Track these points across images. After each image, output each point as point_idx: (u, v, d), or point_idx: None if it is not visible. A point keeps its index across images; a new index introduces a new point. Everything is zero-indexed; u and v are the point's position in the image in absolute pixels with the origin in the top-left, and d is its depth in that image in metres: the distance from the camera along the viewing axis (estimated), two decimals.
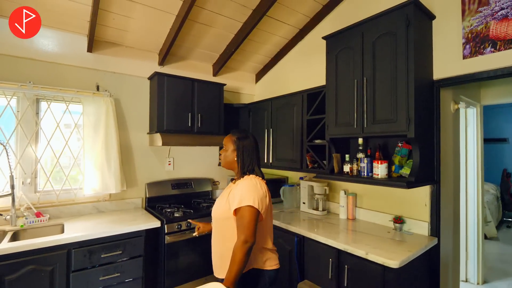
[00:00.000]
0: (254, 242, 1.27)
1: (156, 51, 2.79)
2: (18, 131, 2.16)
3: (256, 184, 1.36)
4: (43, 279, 1.73)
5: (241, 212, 1.30)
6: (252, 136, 1.54)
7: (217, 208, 1.46)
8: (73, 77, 2.37)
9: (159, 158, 2.83)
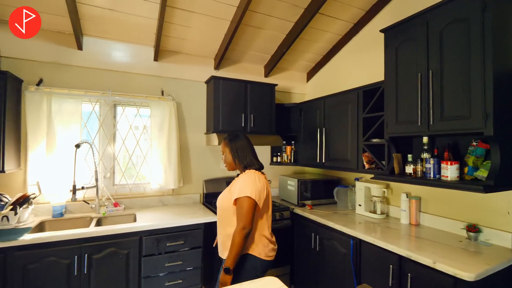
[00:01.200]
0: (251, 228, 1.46)
1: (211, 56, 2.97)
2: (100, 132, 2.52)
3: (254, 178, 1.53)
4: (121, 260, 1.99)
5: (240, 202, 1.47)
6: (242, 135, 1.71)
7: (221, 199, 1.64)
8: (142, 84, 2.67)
9: (215, 157, 3.00)
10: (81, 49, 2.42)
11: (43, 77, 2.31)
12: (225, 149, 1.71)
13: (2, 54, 2.18)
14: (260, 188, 1.52)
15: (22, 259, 1.74)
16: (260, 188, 1.52)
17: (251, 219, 1.45)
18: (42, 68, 2.31)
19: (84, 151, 2.42)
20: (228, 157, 1.68)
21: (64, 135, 2.33)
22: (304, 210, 2.58)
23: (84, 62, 2.44)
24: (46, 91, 2.27)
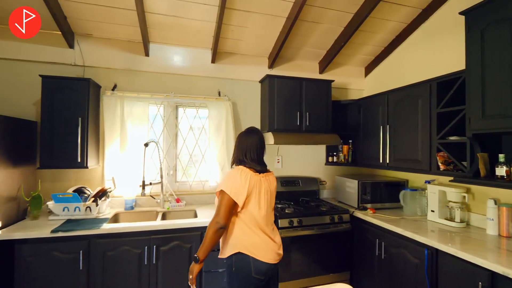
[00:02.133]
0: (224, 225, 1.42)
1: (265, 55, 2.96)
2: (164, 132, 2.69)
3: (236, 174, 1.47)
4: (184, 254, 2.09)
5: (219, 195, 1.48)
6: (256, 134, 1.62)
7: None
8: (200, 86, 2.79)
9: (269, 156, 2.99)
10: (148, 56, 2.62)
11: (117, 83, 2.55)
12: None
13: (85, 63, 2.47)
14: (239, 185, 1.44)
15: (102, 246, 1.94)
16: (239, 184, 1.44)
17: (224, 214, 1.42)
18: (116, 75, 2.56)
19: (151, 149, 2.61)
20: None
21: (134, 135, 2.54)
22: (366, 214, 2.40)
23: (150, 68, 2.64)
24: (119, 95, 2.50)
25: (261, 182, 1.54)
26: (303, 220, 2.36)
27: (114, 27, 2.42)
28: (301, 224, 2.34)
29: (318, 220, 2.41)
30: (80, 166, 2.17)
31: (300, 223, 2.34)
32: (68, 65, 2.44)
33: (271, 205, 1.60)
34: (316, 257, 2.40)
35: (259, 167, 1.57)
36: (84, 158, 2.18)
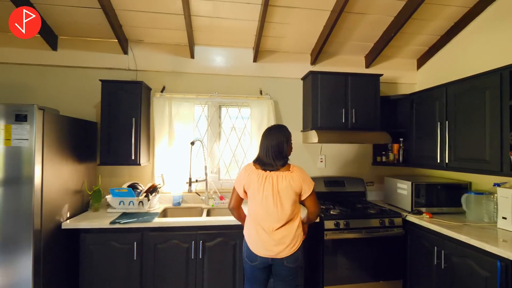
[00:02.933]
0: (231, 208, 1.74)
1: (308, 51, 2.88)
2: (208, 131, 2.77)
3: (241, 169, 1.71)
4: (229, 250, 2.12)
5: None
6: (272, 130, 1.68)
7: None
8: (242, 85, 2.81)
9: (311, 155, 2.90)
10: (193, 58, 2.72)
11: (166, 85, 2.69)
12: None
13: (137, 68, 2.65)
14: (239, 178, 1.69)
15: (154, 239, 2.05)
16: (239, 178, 1.69)
17: (231, 199, 1.74)
18: (164, 77, 2.70)
19: (196, 148, 2.70)
20: None
21: (181, 134, 2.66)
22: (421, 219, 2.19)
23: (195, 69, 2.73)
24: (167, 96, 2.64)
25: (265, 179, 1.59)
26: (350, 223, 2.24)
27: (162, 32, 2.55)
28: (348, 227, 2.22)
29: (366, 223, 2.27)
30: (133, 163, 2.32)
31: (347, 226, 2.22)
32: (123, 70, 2.64)
33: (277, 203, 1.58)
34: (364, 262, 2.26)
35: (265, 164, 1.63)
36: (137, 155, 2.34)
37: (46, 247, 1.83)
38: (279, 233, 1.58)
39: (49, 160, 1.87)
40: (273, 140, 1.62)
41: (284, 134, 1.66)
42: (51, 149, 1.88)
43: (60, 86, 2.56)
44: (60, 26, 2.45)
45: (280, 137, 1.63)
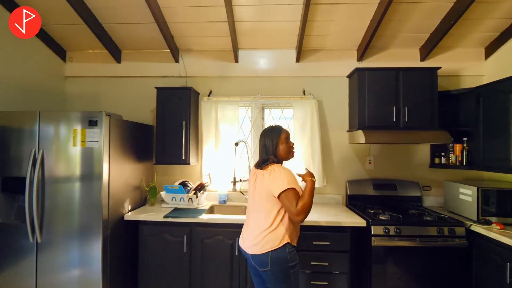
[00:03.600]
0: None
1: (354, 48, 2.76)
2: (252, 132, 2.85)
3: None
4: None
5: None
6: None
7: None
8: (285, 86, 2.82)
9: (359, 156, 2.77)
10: (237, 62, 2.82)
11: (212, 89, 2.85)
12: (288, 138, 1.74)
13: (187, 74, 2.86)
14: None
15: (201, 234, 2.18)
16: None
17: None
18: (211, 82, 2.86)
19: (240, 149, 2.80)
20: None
21: (226, 136, 2.78)
22: (490, 230, 1.92)
23: (239, 73, 2.84)
24: (214, 100, 2.79)
25: (252, 176, 1.73)
26: (401, 229, 2.08)
27: (209, 40, 2.71)
28: (399, 234, 2.06)
29: (421, 231, 2.08)
30: (184, 162, 2.51)
31: (398, 233, 2.07)
32: (175, 77, 2.87)
33: (254, 197, 1.67)
34: (418, 274, 2.07)
35: (257, 164, 1.73)
36: (187, 156, 2.52)
37: (111, 234, 2.10)
38: (248, 221, 1.69)
39: (114, 159, 2.14)
40: (261, 140, 1.72)
41: (270, 134, 1.68)
42: (115, 149, 2.15)
43: (123, 94, 2.91)
44: (123, 41, 2.78)
45: (266, 138, 1.69)
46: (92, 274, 2.00)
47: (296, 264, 1.58)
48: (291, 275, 1.54)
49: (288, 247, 1.55)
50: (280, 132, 1.68)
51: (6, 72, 2.32)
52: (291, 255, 1.55)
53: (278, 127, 1.72)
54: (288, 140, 1.69)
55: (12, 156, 2.05)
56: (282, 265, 1.52)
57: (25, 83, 2.49)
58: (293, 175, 1.59)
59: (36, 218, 1.98)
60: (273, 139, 1.66)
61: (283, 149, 1.66)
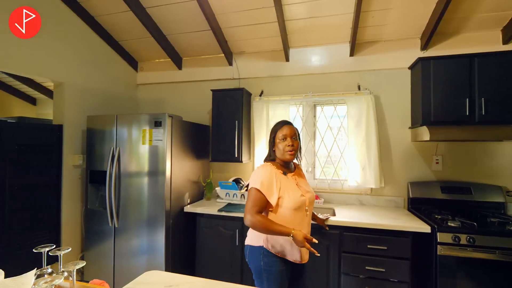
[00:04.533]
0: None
1: (417, 36, 2.50)
2: (303, 131, 2.82)
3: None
4: (322, 251, 2.09)
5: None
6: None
7: (312, 195, 1.58)
8: (338, 82, 2.72)
9: (424, 155, 2.50)
10: (288, 61, 2.83)
11: (263, 89, 2.92)
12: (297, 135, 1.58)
13: (240, 76, 2.99)
14: None
15: None
16: None
17: None
18: (262, 82, 2.93)
19: None
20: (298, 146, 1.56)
21: None
22: None
23: (290, 71, 2.84)
24: (265, 100, 2.85)
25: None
26: (475, 239, 1.81)
27: (259, 41, 2.78)
28: (473, 244, 1.80)
29: (502, 243, 1.78)
30: (236, 160, 2.63)
31: (471, 242, 1.80)
32: (229, 80, 3.03)
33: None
34: None
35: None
36: (239, 154, 2.63)
37: (173, 224, 2.33)
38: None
39: (175, 156, 2.36)
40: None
41: (272, 130, 1.59)
42: (176, 147, 2.38)
43: (184, 97, 3.19)
44: (184, 49, 3.05)
45: (269, 134, 1.61)
46: (157, 258, 2.25)
47: (271, 270, 1.45)
48: (263, 276, 1.47)
49: (263, 250, 1.47)
50: (279, 127, 1.54)
51: (91, 83, 2.77)
52: (266, 259, 1.46)
53: (281, 122, 1.58)
54: (286, 138, 1.50)
55: (97, 153, 2.44)
56: (255, 262, 1.50)
57: (106, 91, 2.94)
58: (268, 178, 1.46)
59: (114, 206, 2.32)
60: (271, 135, 1.57)
61: (277, 148, 1.53)
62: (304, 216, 1.51)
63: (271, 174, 1.48)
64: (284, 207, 1.46)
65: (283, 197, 1.46)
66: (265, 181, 1.45)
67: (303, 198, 1.50)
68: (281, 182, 1.49)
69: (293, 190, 1.49)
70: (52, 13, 2.40)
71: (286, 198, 1.45)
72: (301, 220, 1.50)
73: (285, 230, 1.37)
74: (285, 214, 1.46)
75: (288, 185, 1.50)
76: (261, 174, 1.48)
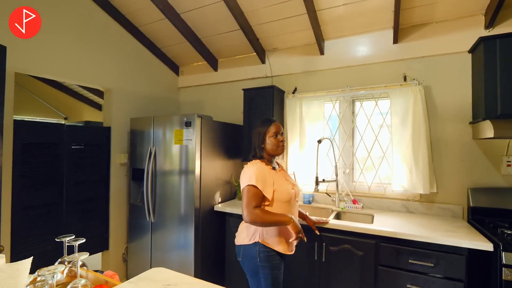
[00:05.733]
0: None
1: (479, 12, 2.08)
2: (340, 129, 2.60)
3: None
4: (355, 261, 1.88)
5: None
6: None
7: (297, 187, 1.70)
8: (380, 74, 2.43)
9: (491, 156, 2.05)
10: (322, 54, 2.65)
11: (297, 86, 2.78)
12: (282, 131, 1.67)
13: (273, 74, 2.91)
14: None
15: None
16: None
17: None
18: (296, 79, 2.80)
19: (327, 147, 2.61)
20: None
21: (311, 133, 2.65)
22: None
23: (325, 65, 2.65)
24: (298, 97, 2.71)
25: None
26: None
27: (292, 36, 2.67)
28: None
29: None
30: None
31: None
32: (262, 78, 2.97)
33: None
34: None
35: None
36: None
37: (203, 222, 2.37)
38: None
39: (205, 156, 2.41)
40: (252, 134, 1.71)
41: (259, 127, 1.65)
42: (206, 147, 2.42)
43: (220, 98, 3.26)
44: (219, 51, 3.11)
45: (255, 132, 1.67)
46: (187, 254, 2.32)
47: (269, 266, 1.49)
48: (260, 273, 1.50)
49: (259, 246, 1.50)
50: (269, 124, 1.64)
51: (136, 87, 3.01)
52: (263, 255, 1.50)
53: (269, 120, 1.68)
54: (278, 134, 1.62)
55: (138, 152, 2.64)
56: (251, 261, 1.52)
57: (150, 95, 3.17)
58: (261, 173, 1.50)
59: (151, 202, 2.47)
60: (261, 132, 1.64)
61: (270, 142, 1.61)
62: (294, 208, 1.63)
63: (263, 170, 1.54)
64: (278, 200, 1.53)
65: (277, 191, 1.53)
66: (260, 176, 1.50)
67: (293, 191, 1.60)
68: (273, 176, 1.56)
69: (284, 183, 1.59)
70: (105, 29, 2.69)
71: (280, 191, 1.53)
72: (292, 212, 1.60)
73: (284, 219, 1.46)
74: (280, 207, 1.53)
75: (279, 179, 1.58)
76: (253, 170, 1.52)
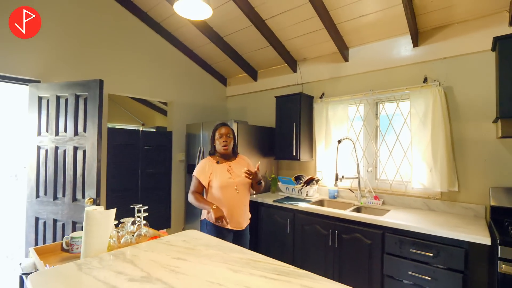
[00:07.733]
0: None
1: (502, 9, 2.05)
2: (363, 130, 2.77)
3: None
4: (364, 249, 2.10)
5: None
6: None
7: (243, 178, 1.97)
8: (401, 76, 2.54)
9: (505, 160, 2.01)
10: (347, 61, 2.86)
11: (324, 91, 3.05)
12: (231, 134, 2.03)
13: (303, 81, 3.24)
14: None
15: (301, 220, 2.50)
16: None
17: None
18: (323, 85, 3.07)
19: (351, 146, 2.81)
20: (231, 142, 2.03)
21: (336, 134, 2.89)
22: None
23: (349, 71, 2.86)
24: (325, 101, 2.98)
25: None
26: None
27: (318, 47, 2.96)
28: None
29: None
30: (294, 158, 2.91)
31: None
32: (294, 85, 3.33)
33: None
34: None
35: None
36: (297, 152, 2.90)
37: None
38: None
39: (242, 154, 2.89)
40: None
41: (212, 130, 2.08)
42: (242, 147, 2.91)
43: (259, 105, 3.73)
44: (257, 63, 3.59)
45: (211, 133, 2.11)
46: None
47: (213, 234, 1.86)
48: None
49: (206, 221, 1.94)
50: (217, 128, 2.02)
51: (192, 99, 3.71)
52: (208, 228, 1.91)
53: (219, 124, 2.05)
54: (222, 136, 1.97)
55: (192, 151, 3.30)
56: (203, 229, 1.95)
57: (203, 104, 3.84)
58: (201, 166, 1.95)
59: None
60: (212, 134, 2.04)
61: (218, 143, 2.00)
62: (234, 194, 1.93)
63: (204, 164, 1.98)
64: (214, 187, 1.92)
65: (212, 180, 1.93)
66: (200, 169, 1.96)
67: (231, 180, 1.93)
68: (213, 168, 1.95)
69: (223, 174, 1.93)
70: (167, 53, 3.45)
71: (214, 180, 1.92)
72: (231, 197, 1.92)
73: (207, 205, 1.82)
74: (216, 192, 1.92)
75: (218, 171, 1.94)
76: (199, 164, 2.00)
